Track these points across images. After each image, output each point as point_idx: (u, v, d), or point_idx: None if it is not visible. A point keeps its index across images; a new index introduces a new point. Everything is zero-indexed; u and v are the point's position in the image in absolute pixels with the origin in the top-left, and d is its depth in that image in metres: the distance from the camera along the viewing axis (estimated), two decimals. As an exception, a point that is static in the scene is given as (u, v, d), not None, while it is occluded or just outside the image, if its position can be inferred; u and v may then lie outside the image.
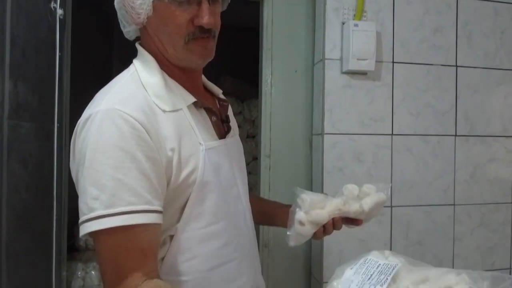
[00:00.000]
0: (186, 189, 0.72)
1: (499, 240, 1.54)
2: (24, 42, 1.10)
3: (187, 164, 0.72)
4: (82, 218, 0.65)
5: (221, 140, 0.81)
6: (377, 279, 0.56)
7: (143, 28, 0.77)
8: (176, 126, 0.72)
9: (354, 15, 1.39)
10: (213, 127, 0.81)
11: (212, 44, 0.78)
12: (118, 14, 0.79)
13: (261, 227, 1.47)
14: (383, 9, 1.42)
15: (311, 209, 0.83)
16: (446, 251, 1.49)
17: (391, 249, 1.44)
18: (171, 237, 0.73)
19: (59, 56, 1.27)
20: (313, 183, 1.48)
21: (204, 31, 0.74)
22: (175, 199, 0.72)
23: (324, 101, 1.39)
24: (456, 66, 1.49)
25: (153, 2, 0.72)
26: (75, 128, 0.71)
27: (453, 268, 1.46)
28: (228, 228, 0.78)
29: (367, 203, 0.85)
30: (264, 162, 1.49)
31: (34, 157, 1.14)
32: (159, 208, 0.68)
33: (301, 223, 0.83)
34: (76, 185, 0.69)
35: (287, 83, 1.50)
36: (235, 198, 0.82)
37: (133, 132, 0.66)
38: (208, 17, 0.73)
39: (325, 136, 1.39)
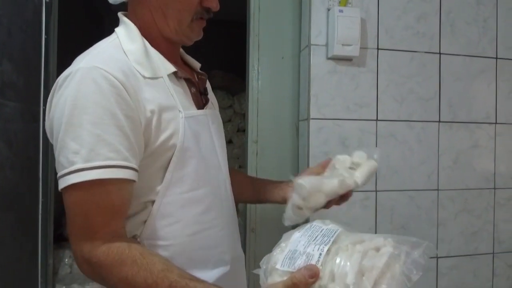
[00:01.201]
0: (165, 152, 0.73)
1: (482, 225, 1.56)
2: (9, 22, 1.10)
3: (166, 128, 0.73)
4: (62, 171, 0.66)
5: (200, 110, 0.83)
6: (321, 240, 0.63)
7: None
8: (156, 92, 0.74)
9: (340, 1, 1.41)
10: (192, 97, 0.83)
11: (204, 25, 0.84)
12: None
13: (248, 211, 1.49)
14: (368, -4, 1.44)
15: (309, 195, 0.83)
16: (430, 235, 1.51)
17: (375, 233, 1.46)
18: (153, 202, 0.74)
19: (45, 39, 1.28)
20: (299, 168, 1.49)
21: (208, 13, 0.81)
22: (154, 161, 0.73)
23: (310, 87, 1.41)
24: (440, 53, 1.52)
25: None
26: (54, 86, 0.72)
27: (436, 253, 1.49)
28: (209, 195, 0.79)
29: (361, 175, 0.87)
30: (251, 147, 1.50)
31: (19, 137, 1.15)
32: (136, 166, 0.69)
33: (299, 207, 0.84)
34: (53, 140, 0.70)
35: (274, 70, 1.51)
36: (216, 167, 0.84)
37: (113, 90, 0.67)
38: (217, 2, 0.80)
39: (311, 121, 1.41)
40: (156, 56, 0.78)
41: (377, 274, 0.59)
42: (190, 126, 0.77)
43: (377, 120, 1.46)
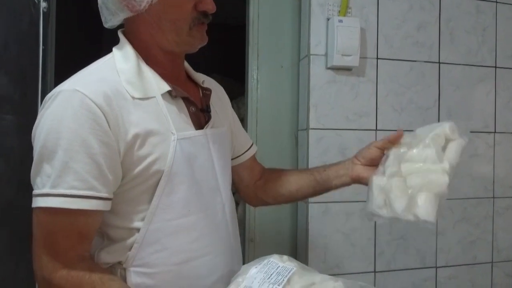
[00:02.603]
0: (150, 177, 0.71)
1: (481, 234, 1.56)
2: (6, 34, 1.08)
3: (151, 152, 0.71)
4: (35, 191, 0.67)
5: (199, 131, 0.79)
6: (276, 279, 0.66)
7: (135, 16, 0.76)
8: (145, 113, 0.71)
9: (339, 11, 1.40)
10: (191, 117, 0.80)
11: (205, 29, 0.80)
12: (106, 1, 0.76)
13: (247, 222, 1.48)
14: (367, 5, 1.44)
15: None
16: (429, 245, 1.51)
17: (375, 244, 1.46)
18: (138, 229, 0.72)
19: (43, 49, 1.26)
20: (299, 178, 1.49)
21: (206, 16, 0.77)
22: (137, 185, 0.71)
23: (309, 97, 1.40)
24: (439, 62, 1.51)
25: None
26: (42, 104, 0.71)
27: (436, 262, 1.49)
28: (201, 222, 0.76)
29: (454, 159, 0.77)
30: (250, 157, 1.49)
31: (16, 151, 1.13)
32: (105, 195, 0.68)
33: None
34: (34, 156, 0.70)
35: (273, 79, 1.51)
36: (213, 190, 0.80)
37: (89, 115, 0.66)
38: (212, 3, 0.76)
39: (310, 131, 1.40)
40: (150, 75, 0.75)
41: None
42: (183, 148, 0.74)
43: (376, 129, 1.46)
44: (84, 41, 2.45)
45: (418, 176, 0.74)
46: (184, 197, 0.74)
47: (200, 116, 0.83)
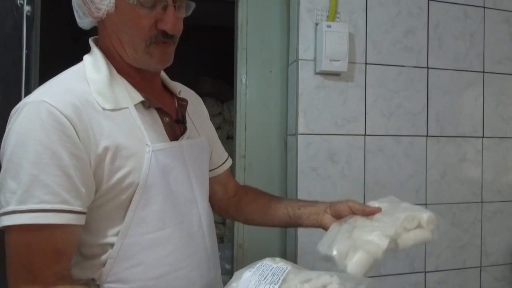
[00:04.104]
0: (123, 190, 0.69)
1: (469, 238, 1.57)
2: (-12, 38, 1.07)
3: (123, 165, 0.68)
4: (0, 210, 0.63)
5: (173, 142, 0.77)
6: (271, 279, 0.65)
7: (101, 22, 0.74)
8: (116, 125, 0.69)
9: (328, 16, 1.40)
10: (165, 128, 0.77)
11: (172, 49, 0.76)
12: (74, 1, 0.75)
13: (235, 227, 1.47)
14: (356, 10, 1.44)
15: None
16: (418, 250, 1.51)
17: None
18: (112, 244, 0.69)
19: (26, 54, 1.24)
20: (288, 183, 1.48)
21: (166, 36, 0.73)
22: (110, 200, 0.68)
23: (298, 102, 1.39)
24: (427, 67, 1.52)
25: (116, 0, 0.69)
26: (8, 119, 0.68)
27: (425, 266, 1.49)
28: (176, 235, 0.74)
29: (407, 239, 0.74)
30: (239, 162, 1.48)
31: (-2, 157, 1.11)
32: (79, 209, 0.65)
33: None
34: None
35: (262, 84, 1.50)
36: (188, 202, 0.78)
37: (57, 126, 0.63)
38: (173, 23, 0.72)
39: (299, 136, 1.39)
40: (122, 85, 0.73)
41: None
42: (157, 160, 0.72)
43: (365, 135, 1.45)
44: (70, 45, 2.42)
45: (363, 232, 0.76)
46: (159, 209, 0.72)
47: (175, 127, 0.81)
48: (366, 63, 1.45)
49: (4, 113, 1.15)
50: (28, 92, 1.24)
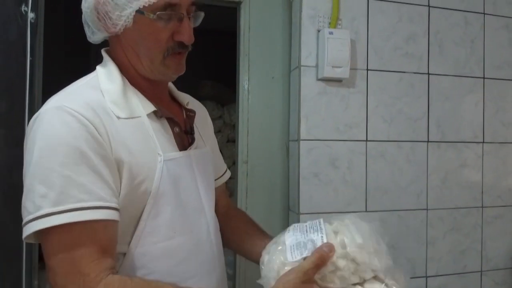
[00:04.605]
0: (137, 199, 0.70)
1: (470, 243, 1.58)
2: (-8, 46, 1.07)
3: (139, 173, 0.69)
4: (27, 217, 0.62)
5: (182, 152, 0.79)
6: (314, 229, 0.71)
7: (115, 37, 0.76)
8: (130, 133, 0.71)
9: (329, 23, 1.41)
10: (175, 138, 0.79)
11: (184, 59, 0.79)
12: (87, 18, 0.76)
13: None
14: (357, 17, 1.45)
15: None
16: (419, 255, 1.52)
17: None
18: (124, 254, 0.70)
19: (30, 60, 1.24)
20: (290, 188, 1.49)
21: (182, 47, 0.76)
22: (124, 209, 0.69)
23: (300, 108, 1.40)
24: (428, 73, 1.53)
25: (134, 15, 0.71)
26: (26, 131, 0.69)
27: (426, 271, 1.50)
28: (186, 244, 0.75)
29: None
30: (241, 168, 1.49)
31: (2, 164, 1.11)
32: (115, 205, 0.65)
33: None
34: (24, 184, 0.67)
35: (264, 89, 1.51)
36: (197, 211, 0.80)
37: (82, 128, 0.65)
38: (190, 34, 0.74)
39: (301, 142, 1.40)
40: (135, 95, 0.75)
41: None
42: (168, 169, 0.73)
43: (366, 140, 1.46)
44: (72, 52, 2.42)
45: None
46: (169, 219, 0.73)
47: (184, 137, 0.82)
48: (367, 69, 1.46)
49: (10, 120, 1.16)
50: (32, 99, 1.24)
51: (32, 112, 1.25)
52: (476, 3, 1.58)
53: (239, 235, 0.96)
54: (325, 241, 0.68)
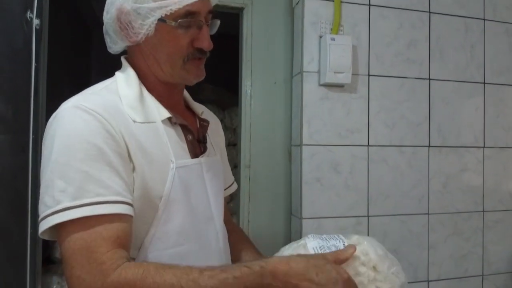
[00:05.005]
0: (148, 203, 0.71)
1: (471, 247, 1.58)
2: (0, 52, 1.08)
3: (150, 177, 0.71)
4: (46, 211, 0.63)
5: (194, 159, 0.80)
6: (335, 238, 0.74)
7: (135, 45, 0.78)
8: (145, 137, 0.72)
9: (331, 29, 1.42)
10: (188, 145, 0.81)
11: (203, 64, 0.81)
12: (108, 28, 0.78)
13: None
14: (359, 23, 1.46)
15: None
16: (421, 259, 1.52)
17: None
18: (133, 259, 0.70)
19: (35, 66, 1.25)
20: (292, 193, 1.50)
21: (201, 53, 0.78)
22: (136, 212, 0.69)
23: (303, 113, 1.41)
24: (429, 79, 1.54)
25: (156, 23, 0.73)
26: (45, 129, 0.71)
27: (427, 275, 1.50)
28: (195, 251, 0.76)
29: None
30: (244, 172, 1.50)
31: (8, 170, 1.12)
32: (130, 201, 0.67)
33: None
34: (41, 180, 0.68)
35: (267, 95, 1.52)
36: (207, 219, 0.81)
37: (100, 125, 0.67)
38: (209, 41, 0.77)
39: (303, 147, 1.41)
40: (151, 101, 0.77)
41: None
42: (180, 176, 0.74)
43: (368, 145, 1.47)
44: (74, 56, 2.43)
45: None
46: (179, 225, 0.74)
47: (196, 145, 0.83)
48: (369, 75, 1.47)
49: (15, 126, 1.16)
50: (36, 105, 1.25)
51: (37, 118, 1.25)
52: (476, 9, 1.59)
53: (235, 252, 0.95)
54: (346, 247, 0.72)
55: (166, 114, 0.77)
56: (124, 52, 0.85)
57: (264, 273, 0.63)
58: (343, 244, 0.72)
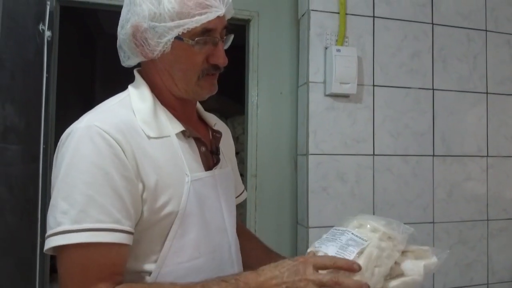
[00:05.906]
0: (163, 219, 0.71)
1: (476, 256, 1.59)
2: (13, 64, 1.10)
3: (165, 193, 0.71)
4: (48, 231, 0.65)
5: (208, 172, 0.81)
6: (340, 235, 0.76)
7: (150, 60, 0.78)
8: (160, 153, 0.73)
9: (337, 40, 1.45)
10: (201, 157, 0.81)
11: (216, 79, 0.81)
12: (123, 44, 0.79)
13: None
14: (363, 35, 1.49)
15: None
16: (426, 267, 1.53)
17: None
18: (150, 272, 0.71)
19: (46, 78, 1.27)
20: (298, 202, 1.51)
21: (216, 69, 0.78)
22: (150, 227, 0.70)
23: (309, 123, 1.43)
24: (433, 89, 1.56)
25: (172, 42, 0.73)
26: (57, 145, 0.72)
27: (433, 284, 1.51)
28: (210, 263, 0.76)
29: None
30: (250, 181, 1.51)
31: (19, 180, 1.13)
32: (129, 229, 0.67)
33: None
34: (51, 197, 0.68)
35: (273, 104, 1.54)
36: (220, 231, 0.81)
37: (109, 149, 0.67)
38: (224, 58, 0.78)
39: (309, 156, 1.43)
40: (164, 114, 0.77)
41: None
42: (195, 189, 0.75)
43: (373, 155, 1.49)
44: (79, 67, 2.46)
45: None
46: (195, 238, 0.74)
47: (209, 157, 0.84)
48: (373, 85, 1.50)
49: (26, 136, 1.18)
50: (47, 116, 1.27)
51: (47, 128, 1.27)
52: (479, 20, 1.62)
53: (255, 258, 0.95)
54: (359, 235, 0.73)
55: (179, 127, 0.77)
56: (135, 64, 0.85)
57: (238, 285, 0.67)
58: (352, 233, 0.74)
